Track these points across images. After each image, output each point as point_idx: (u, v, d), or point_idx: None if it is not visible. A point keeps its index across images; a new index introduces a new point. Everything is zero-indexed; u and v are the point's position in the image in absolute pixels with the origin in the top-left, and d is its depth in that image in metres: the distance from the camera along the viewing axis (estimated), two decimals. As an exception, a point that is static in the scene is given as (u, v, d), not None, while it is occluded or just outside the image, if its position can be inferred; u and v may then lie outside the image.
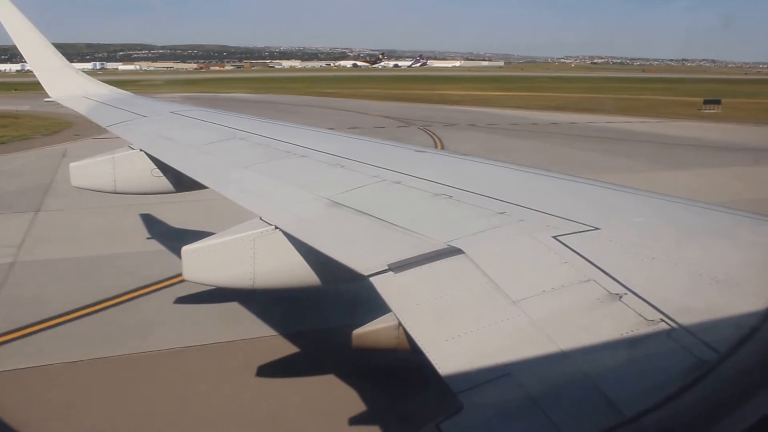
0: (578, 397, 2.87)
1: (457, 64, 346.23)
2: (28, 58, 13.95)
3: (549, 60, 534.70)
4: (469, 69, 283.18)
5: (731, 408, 2.06)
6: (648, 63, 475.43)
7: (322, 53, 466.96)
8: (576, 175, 6.32)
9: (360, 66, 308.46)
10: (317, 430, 8.27)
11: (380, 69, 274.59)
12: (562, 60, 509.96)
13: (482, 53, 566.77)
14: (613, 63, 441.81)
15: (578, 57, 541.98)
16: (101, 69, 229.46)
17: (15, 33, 13.59)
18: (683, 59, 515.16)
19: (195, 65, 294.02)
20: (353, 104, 66.30)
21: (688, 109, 61.42)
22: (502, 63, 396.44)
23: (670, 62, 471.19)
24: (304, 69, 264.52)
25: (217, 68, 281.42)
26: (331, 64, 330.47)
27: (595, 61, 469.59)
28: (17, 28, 13.60)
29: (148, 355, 10.30)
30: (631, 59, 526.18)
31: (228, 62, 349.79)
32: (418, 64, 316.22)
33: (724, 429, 2.00)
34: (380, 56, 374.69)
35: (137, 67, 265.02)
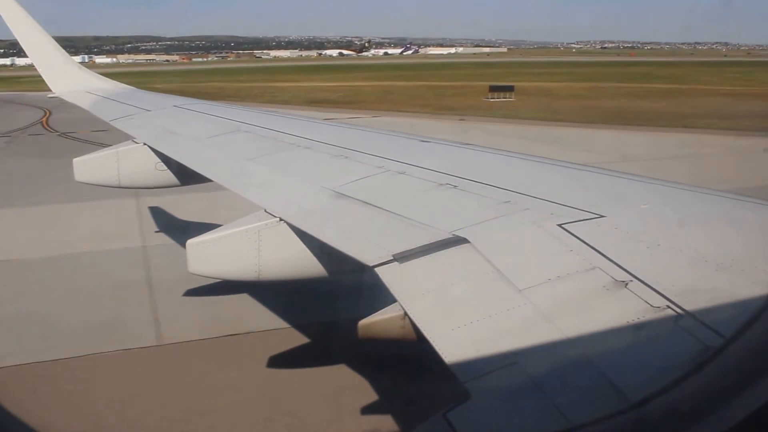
0: (585, 385, 2.87)
1: (453, 51, 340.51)
2: (30, 53, 14.01)
3: (559, 45, 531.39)
4: (456, 56, 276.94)
5: (737, 392, 2.04)
6: (659, 47, 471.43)
7: (330, 42, 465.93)
8: (580, 164, 6.28)
9: (345, 54, 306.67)
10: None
11: (371, 57, 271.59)
12: (573, 45, 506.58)
13: (494, 39, 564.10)
14: (624, 47, 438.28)
15: (589, 42, 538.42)
16: (89, 62, 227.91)
17: (17, 29, 13.62)
18: (695, 42, 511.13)
19: (177, 57, 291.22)
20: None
21: (478, 98, 56.04)
22: (505, 49, 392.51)
23: (681, 46, 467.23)
24: (284, 59, 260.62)
25: (200, 59, 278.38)
26: (322, 53, 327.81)
27: (606, 45, 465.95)
28: (19, 24, 13.63)
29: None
30: (642, 43, 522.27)
31: (215, 53, 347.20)
32: (410, 52, 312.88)
33: (729, 413, 1.98)
34: (366, 44, 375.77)
35: (114, 59, 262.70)
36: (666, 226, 4.31)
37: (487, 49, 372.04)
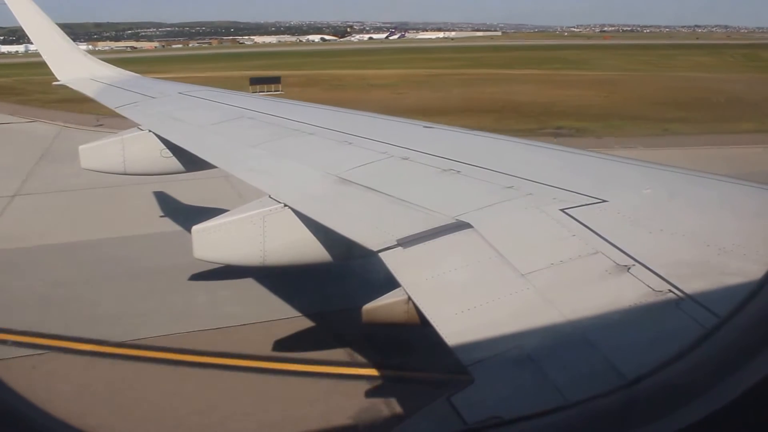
0: (588, 370, 2.91)
1: (442, 36, 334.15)
2: (35, 40, 14.06)
3: (558, 29, 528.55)
4: (440, 41, 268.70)
5: (733, 370, 2.08)
6: (659, 30, 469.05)
7: (330, 27, 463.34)
8: (583, 149, 6.31)
9: (327, 40, 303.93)
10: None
11: (355, 42, 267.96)
12: (573, 29, 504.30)
13: (495, 24, 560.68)
14: (623, 31, 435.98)
15: (589, 25, 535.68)
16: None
17: (22, 16, 13.66)
18: (695, 25, 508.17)
19: (156, 44, 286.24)
20: None
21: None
22: (499, 33, 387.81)
23: (681, 29, 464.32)
24: (260, 45, 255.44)
25: (179, 45, 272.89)
26: (303, 39, 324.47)
27: (605, 29, 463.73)
28: (24, 12, 13.68)
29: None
30: (642, 27, 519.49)
31: (198, 39, 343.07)
32: (395, 37, 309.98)
33: (727, 389, 2.02)
34: (348, 29, 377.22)
35: (91, 47, 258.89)
36: (668, 211, 4.35)
37: (479, 33, 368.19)
